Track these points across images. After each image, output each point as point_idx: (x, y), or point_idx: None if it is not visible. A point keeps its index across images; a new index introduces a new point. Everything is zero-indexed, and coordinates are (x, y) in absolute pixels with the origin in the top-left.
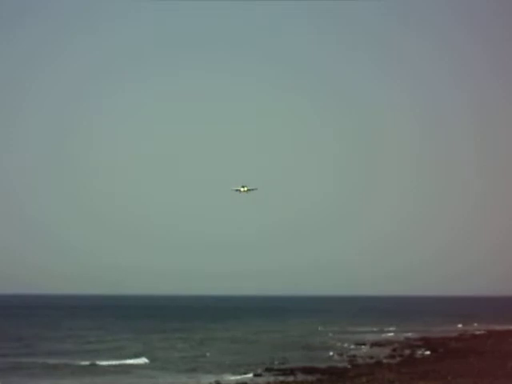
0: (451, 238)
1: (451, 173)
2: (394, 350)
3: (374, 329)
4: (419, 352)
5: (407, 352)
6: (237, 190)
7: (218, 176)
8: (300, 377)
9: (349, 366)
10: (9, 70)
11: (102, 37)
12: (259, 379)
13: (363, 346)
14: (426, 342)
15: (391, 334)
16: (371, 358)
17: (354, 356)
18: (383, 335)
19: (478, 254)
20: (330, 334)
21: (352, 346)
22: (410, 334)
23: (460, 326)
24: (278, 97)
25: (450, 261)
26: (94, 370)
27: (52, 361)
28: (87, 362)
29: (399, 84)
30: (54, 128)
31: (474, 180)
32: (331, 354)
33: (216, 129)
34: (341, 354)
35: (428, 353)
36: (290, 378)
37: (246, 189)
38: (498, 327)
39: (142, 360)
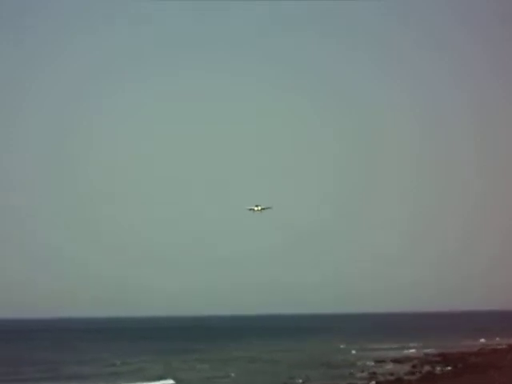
0: (457, 245)
1: (451, 173)
2: (414, 366)
3: (393, 346)
4: (438, 368)
5: (427, 368)
6: (250, 210)
7: (217, 176)
8: None
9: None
10: (9, 70)
11: (101, 37)
12: None
13: (383, 363)
14: (445, 358)
15: (411, 350)
16: (391, 374)
17: (375, 373)
18: (403, 352)
19: (494, 263)
20: (353, 352)
21: (372, 363)
22: (429, 350)
23: (482, 340)
24: (278, 97)
25: (464, 273)
26: None
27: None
28: None
29: (399, 84)
30: (53, 128)
31: (474, 180)
32: (352, 371)
33: (216, 129)
34: (362, 371)
35: (447, 368)
36: None
37: (259, 208)
38: None
39: (168, 382)
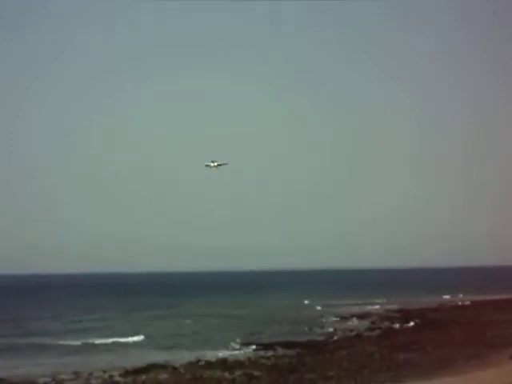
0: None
1: (451, 173)
2: (374, 322)
3: (357, 302)
4: (398, 324)
5: (386, 324)
6: (207, 166)
7: (216, 176)
8: (280, 351)
9: (329, 340)
10: (9, 70)
11: (101, 37)
12: (238, 354)
13: (345, 319)
14: (406, 314)
15: (374, 306)
16: (351, 330)
17: (336, 329)
18: (365, 308)
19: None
20: (318, 308)
21: (334, 319)
22: (390, 306)
23: (445, 297)
24: (278, 97)
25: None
26: (87, 348)
27: (44, 341)
28: (79, 342)
29: (399, 84)
30: (53, 128)
31: (474, 180)
32: (313, 327)
33: (216, 129)
34: (322, 327)
35: (408, 324)
36: (270, 353)
37: (215, 164)
38: (479, 298)
39: (138, 338)
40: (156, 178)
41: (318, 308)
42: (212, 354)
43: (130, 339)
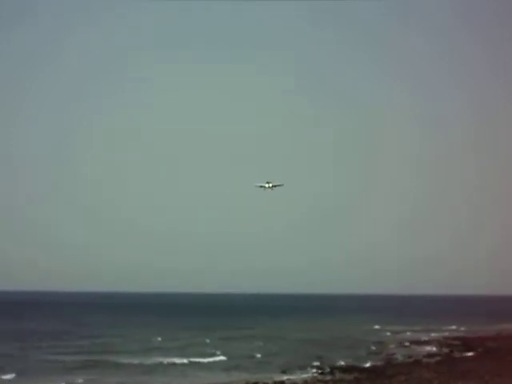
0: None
1: (451, 173)
2: (433, 349)
3: (415, 328)
4: (457, 351)
5: (445, 351)
6: (261, 187)
7: (217, 176)
8: (338, 375)
9: (388, 365)
10: (9, 70)
11: (101, 37)
12: (297, 379)
13: (403, 345)
14: (465, 342)
15: (432, 333)
16: (410, 357)
17: (393, 354)
18: (423, 334)
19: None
20: (369, 334)
21: (392, 346)
22: (448, 334)
23: (501, 325)
24: (278, 97)
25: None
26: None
27: (126, 359)
28: (161, 360)
29: (399, 84)
30: (53, 128)
31: (474, 180)
32: (371, 352)
33: (216, 129)
34: (380, 353)
35: (467, 353)
36: (328, 377)
37: (270, 185)
38: None
39: (220, 358)
40: (158, 180)
41: (387, 333)
42: (274, 377)
43: (215, 359)
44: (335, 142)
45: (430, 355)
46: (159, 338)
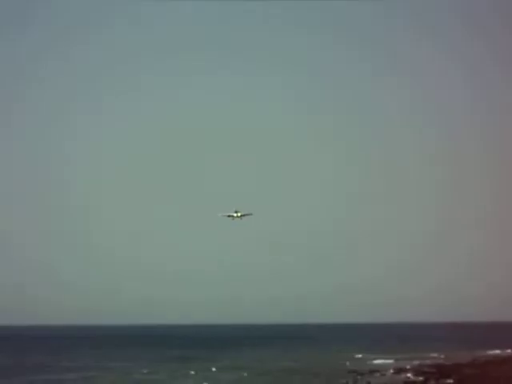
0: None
1: (451, 172)
2: (408, 377)
3: (391, 356)
4: (433, 379)
5: (421, 379)
6: (229, 216)
7: (216, 176)
8: None
9: None
10: (8, 70)
11: (101, 37)
12: None
13: (378, 374)
14: (441, 369)
15: (412, 360)
16: None
17: (369, 383)
18: (402, 362)
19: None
20: (348, 363)
21: (370, 374)
22: (425, 361)
23: (476, 351)
24: (278, 97)
25: (465, 285)
26: None
27: None
28: None
29: (399, 84)
30: (53, 128)
31: (474, 180)
32: (347, 381)
33: (216, 129)
34: (355, 382)
35: (443, 379)
36: None
37: (239, 214)
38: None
39: None
40: (159, 180)
41: (367, 362)
42: None
43: None
44: (335, 141)
45: (407, 383)
46: (144, 371)
